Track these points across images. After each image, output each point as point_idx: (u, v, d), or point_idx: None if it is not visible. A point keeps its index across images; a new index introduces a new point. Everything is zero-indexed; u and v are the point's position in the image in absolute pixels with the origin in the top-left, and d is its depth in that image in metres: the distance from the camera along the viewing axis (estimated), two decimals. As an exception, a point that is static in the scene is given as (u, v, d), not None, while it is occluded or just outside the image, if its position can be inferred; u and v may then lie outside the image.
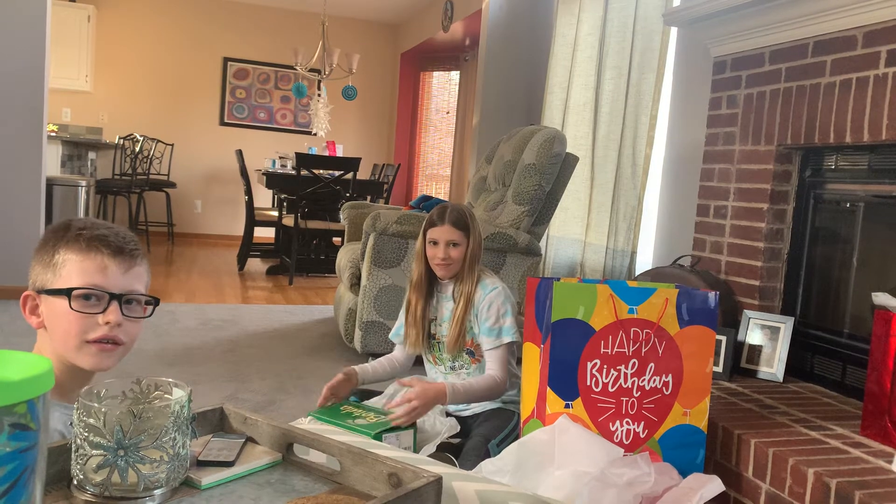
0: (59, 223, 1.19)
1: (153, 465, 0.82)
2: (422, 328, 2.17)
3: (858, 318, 2.29)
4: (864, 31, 2.13)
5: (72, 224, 1.17)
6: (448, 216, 2.12)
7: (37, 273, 1.16)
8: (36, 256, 1.17)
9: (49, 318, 1.17)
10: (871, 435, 1.83)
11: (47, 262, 1.15)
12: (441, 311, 2.18)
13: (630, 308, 1.79)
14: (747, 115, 2.62)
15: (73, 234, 1.15)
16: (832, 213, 2.44)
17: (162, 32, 7.55)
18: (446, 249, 2.10)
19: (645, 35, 3.53)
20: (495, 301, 2.11)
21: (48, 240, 1.16)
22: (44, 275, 1.15)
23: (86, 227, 1.17)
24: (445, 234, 2.10)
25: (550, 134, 3.27)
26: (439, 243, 2.11)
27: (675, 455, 1.79)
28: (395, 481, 0.86)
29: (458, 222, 2.11)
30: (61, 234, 1.15)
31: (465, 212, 2.16)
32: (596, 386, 1.78)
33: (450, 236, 2.10)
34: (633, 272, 3.50)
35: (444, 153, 7.94)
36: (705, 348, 1.82)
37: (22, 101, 3.98)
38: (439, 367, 2.21)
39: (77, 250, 1.14)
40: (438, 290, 2.20)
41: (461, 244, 2.12)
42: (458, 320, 2.10)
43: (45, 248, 1.16)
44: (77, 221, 1.18)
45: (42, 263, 1.16)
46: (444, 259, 2.10)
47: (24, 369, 0.54)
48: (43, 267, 1.15)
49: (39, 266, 1.16)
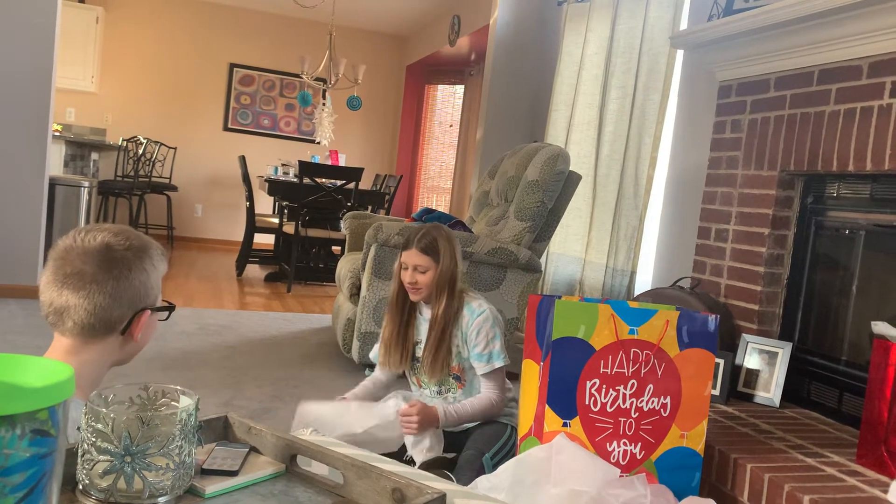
0: (126, 238, 1.23)
1: (159, 473, 0.82)
2: (401, 349, 2.15)
3: (856, 345, 2.30)
4: (870, 62, 2.15)
5: (145, 237, 1.26)
6: (416, 241, 2.10)
7: (151, 289, 1.25)
8: (150, 276, 1.24)
9: (146, 329, 1.27)
10: (866, 464, 1.83)
11: (155, 279, 1.26)
12: (421, 334, 2.17)
13: (631, 329, 1.79)
14: (751, 140, 2.64)
15: (159, 251, 1.27)
16: (833, 241, 2.45)
17: (169, 36, 7.58)
18: (413, 274, 2.09)
19: (651, 56, 3.55)
20: (483, 326, 2.08)
21: (144, 258, 1.23)
22: (154, 292, 1.26)
23: (154, 241, 1.28)
24: (412, 258, 2.09)
25: (554, 151, 3.29)
26: (408, 268, 2.10)
27: (671, 477, 1.79)
28: (399, 496, 0.87)
29: (427, 248, 2.09)
30: (154, 251, 1.26)
31: (437, 237, 2.12)
32: (594, 406, 1.78)
33: (417, 261, 2.08)
34: (632, 292, 3.51)
35: (446, 166, 7.96)
36: (704, 371, 1.83)
37: (28, 100, 3.99)
38: (424, 390, 2.20)
39: (163, 264, 1.28)
40: (420, 313, 2.19)
41: (430, 269, 2.09)
42: (433, 345, 2.08)
43: (146, 266, 1.23)
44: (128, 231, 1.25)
45: (152, 281, 1.25)
46: (410, 283, 2.09)
47: (47, 376, 0.54)
48: (153, 284, 1.25)
49: (154, 282, 1.25)
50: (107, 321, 1.19)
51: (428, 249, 2.09)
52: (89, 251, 1.17)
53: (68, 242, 1.19)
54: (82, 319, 1.17)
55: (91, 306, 1.17)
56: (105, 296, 1.17)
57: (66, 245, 1.18)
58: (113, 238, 1.20)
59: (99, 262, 1.17)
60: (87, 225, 1.24)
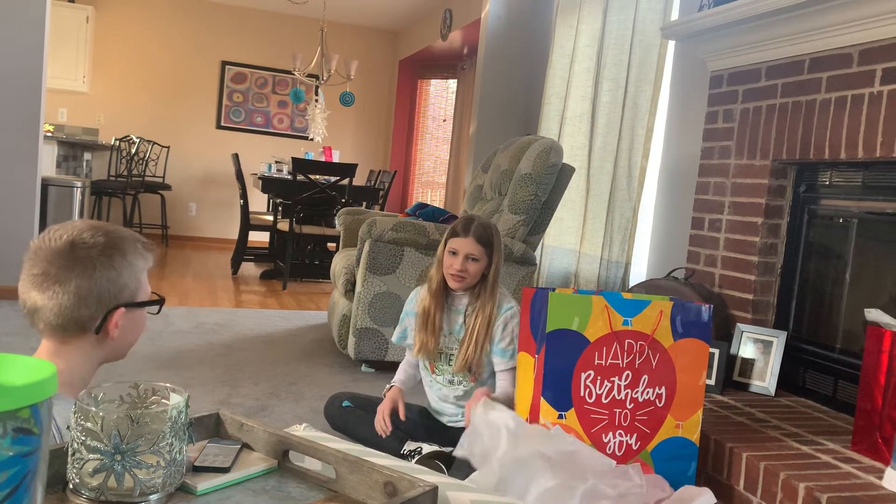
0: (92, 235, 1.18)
1: (150, 471, 0.82)
2: (435, 337, 2.14)
3: (851, 333, 2.30)
4: (860, 49, 2.15)
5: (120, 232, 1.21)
6: (473, 229, 2.08)
7: (125, 288, 1.20)
8: (120, 274, 1.18)
9: (129, 327, 1.23)
10: (861, 450, 1.84)
11: (132, 276, 1.20)
12: (450, 324, 2.16)
13: (625, 320, 1.80)
14: (743, 130, 2.64)
15: (137, 246, 1.21)
16: (826, 229, 2.45)
17: (160, 35, 7.55)
18: (464, 262, 2.07)
19: (643, 48, 3.55)
20: (511, 322, 2.09)
21: (112, 254, 1.17)
22: (130, 289, 1.20)
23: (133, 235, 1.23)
24: (466, 246, 2.07)
25: (547, 144, 3.28)
26: (458, 254, 2.07)
27: (667, 467, 1.80)
28: (391, 490, 0.86)
29: (483, 239, 2.08)
30: (128, 246, 1.20)
31: (492, 231, 2.12)
32: (589, 397, 1.79)
33: (470, 250, 2.07)
34: (626, 283, 3.51)
35: (440, 161, 7.95)
36: (699, 361, 1.83)
37: (19, 101, 3.97)
38: (437, 376, 2.20)
39: (142, 259, 1.22)
40: (449, 302, 2.18)
41: (480, 260, 2.08)
42: (477, 342, 2.07)
43: (127, 264, 1.19)
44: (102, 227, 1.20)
45: (129, 279, 1.20)
46: (460, 271, 2.07)
47: (29, 374, 0.54)
48: (129, 282, 1.20)
49: (126, 281, 1.19)
50: (76, 321, 1.16)
51: (483, 240, 2.08)
52: (54, 251, 1.14)
53: (37, 243, 1.16)
54: (50, 320, 1.15)
55: (56, 307, 1.14)
56: (69, 295, 1.14)
57: (36, 245, 1.16)
58: (79, 236, 1.16)
59: (62, 262, 1.14)
60: (60, 223, 1.20)
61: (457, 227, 2.11)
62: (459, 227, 2.10)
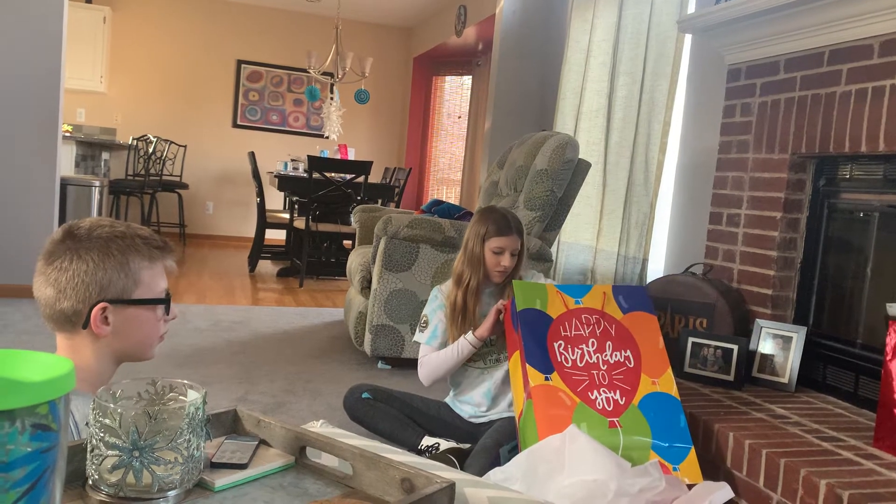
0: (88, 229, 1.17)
1: (168, 467, 0.82)
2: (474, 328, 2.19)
3: (872, 328, 2.27)
4: (881, 41, 2.12)
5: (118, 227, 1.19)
6: (514, 226, 2.18)
7: (109, 283, 1.16)
8: (99, 268, 1.15)
9: (126, 325, 1.19)
10: (883, 447, 1.82)
11: (121, 272, 1.17)
12: (482, 309, 2.23)
13: (576, 300, 2.07)
14: (761, 124, 2.61)
15: (137, 242, 1.18)
16: (846, 223, 2.42)
17: (176, 34, 7.60)
18: (511, 259, 2.17)
19: (659, 41, 3.52)
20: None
21: (108, 249, 1.16)
22: (120, 285, 1.17)
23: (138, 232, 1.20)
24: (511, 243, 2.17)
25: (563, 139, 3.27)
26: (505, 252, 2.16)
27: (659, 418, 1.93)
28: (408, 486, 0.86)
29: (520, 231, 2.21)
30: (126, 243, 1.17)
31: (517, 217, 2.24)
32: (566, 362, 1.97)
33: (515, 246, 2.18)
34: (644, 279, 3.49)
35: (456, 157, 7.94)
36: (651, 330, 2.07)
37: (38, 102, 4.01)
38: (478, 362, 2.23)
39: (148, 257, 1.20)
40: (482, 292, 2.25)
41: (519, 250, 2.21)
42: None
43: (110, 259, 1.16)
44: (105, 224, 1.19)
45: (115, 274, 1.16)
46: (507, 267, 2.17)
47: (47, 370, 0.54)
48: (117, 277, 1.16)
49: (111, 276, 1.16)
50: (60, 313, 1.16)
51: (521, 233, 2.22)
52: (50, 243, 1.17)
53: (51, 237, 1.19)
54: (43, 312, 1.17)
55: (43, 298, 1.16)
56: (49, 287, 1.15)
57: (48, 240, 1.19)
58: (70, 229, 1.16)
59: (46, 254, 1.16)
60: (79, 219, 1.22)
61: (497, 227, 2.17)
62: (500, 226, 2.17)
